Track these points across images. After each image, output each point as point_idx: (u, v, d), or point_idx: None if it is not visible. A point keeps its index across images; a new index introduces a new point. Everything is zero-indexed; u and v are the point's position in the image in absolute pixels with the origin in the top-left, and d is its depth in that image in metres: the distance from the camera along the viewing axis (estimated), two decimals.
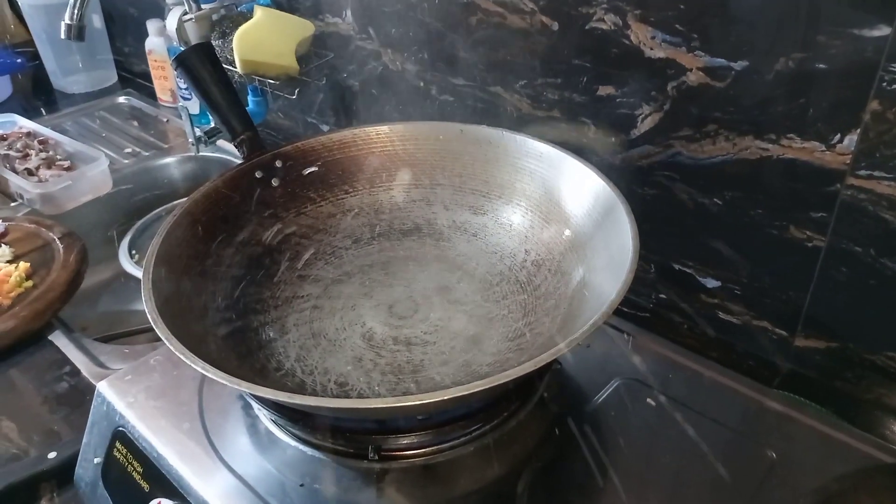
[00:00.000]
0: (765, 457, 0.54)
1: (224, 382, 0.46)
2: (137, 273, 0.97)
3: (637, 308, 0.78)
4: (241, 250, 0.66)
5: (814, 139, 0.59)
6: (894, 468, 0.51)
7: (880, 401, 0.64)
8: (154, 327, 0.50)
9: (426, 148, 0.73)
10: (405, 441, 0.54)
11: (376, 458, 0.54)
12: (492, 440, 0.56)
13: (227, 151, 1.14)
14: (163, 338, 0.49)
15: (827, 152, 0.59)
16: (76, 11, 0.87)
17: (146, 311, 0.51)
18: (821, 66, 0.57)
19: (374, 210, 0.73)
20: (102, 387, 0.63)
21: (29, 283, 0.87)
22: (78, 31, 0.88)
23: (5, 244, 0.91)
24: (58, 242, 0.92)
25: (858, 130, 0.57)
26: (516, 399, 0.57)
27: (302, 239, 0.70)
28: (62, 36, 0.89)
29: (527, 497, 0.51)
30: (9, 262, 0.89)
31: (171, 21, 0.96)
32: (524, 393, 0.58)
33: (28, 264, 0.89)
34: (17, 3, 1.40)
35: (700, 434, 0.56)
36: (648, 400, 0.59)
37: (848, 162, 0.58)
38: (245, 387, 0.45)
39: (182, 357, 0.47)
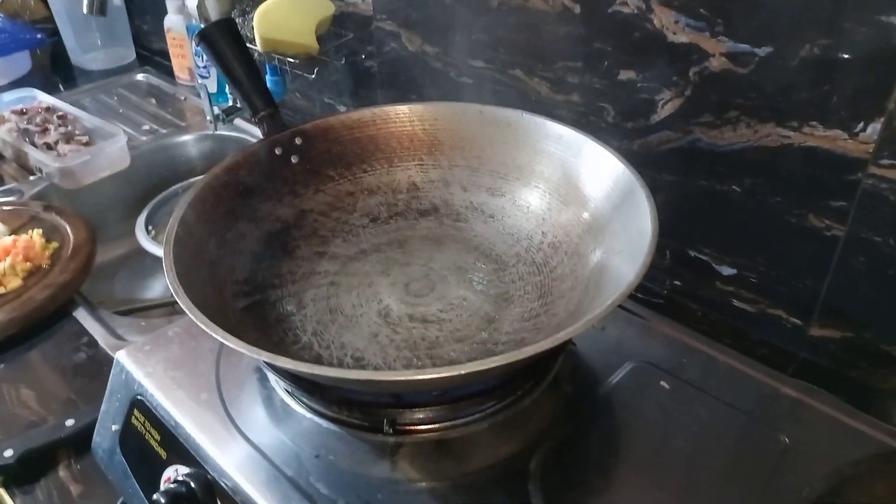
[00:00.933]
0: (778, 441, 0.54)
1: (245, 352, 0.46)
2: (154, 249, 0.98)
3: (651, 294, 0.78)
4: (260, 226, 0.67)
5: (836, 127, 0.59)
6: None
7: (895, 391, 0.64)
8: (175, 297, 0.50)
9: (445, 128, 0.73)
10: (420, 416, 0.55)
11: (391, 431, 0.54)
12: (506, 418, 0.56)
13: (244, 130, 1.15)
14: (184, 307, 0.49)
15: (849, 140, 0.59)
16: None
17: (168, 281, 0.52)
18: (846, 53, 0.57)
19: (392, 189, 0.73)
20: (121, 356, 0.64)
21: (55, 244, 0.88)
22: (100, 6, 0.88)
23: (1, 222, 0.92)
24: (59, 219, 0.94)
25: (882, 119, 0.56)
26: (531, 378, 0.58)
27: (320, 216, 0.71)
28: (84, 10, 0.90)
29: (540, 474, 0.52)
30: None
31: None
32: (538, 372, 0.58)
33: (40, 229, 0.90)
34: None
35: (713, 417, 0.56)
36: (662, 383, 0.59)
37: (870, 151, 0.58)
38: (266, 356, 0.46)
39: (203, 326, 0.48)
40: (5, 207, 0.98)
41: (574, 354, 0.62)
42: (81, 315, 0.84)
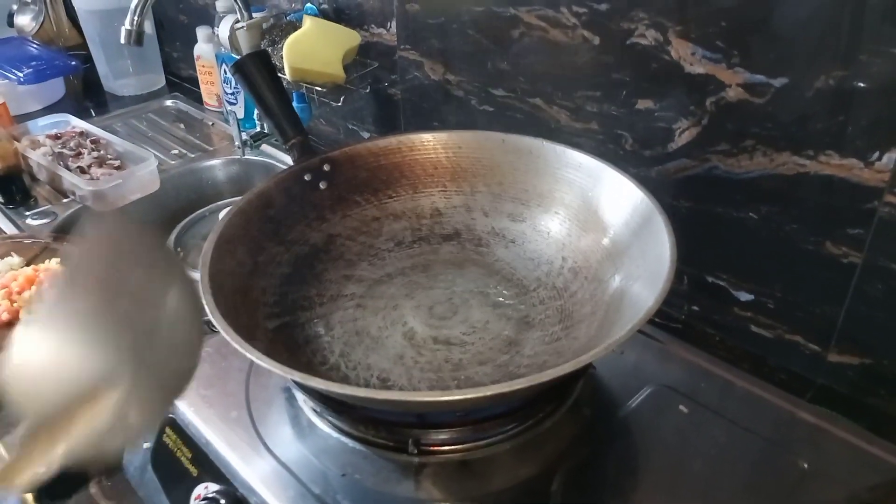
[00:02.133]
0: (796, 466, 0.54)
1: (277, 372, 0.48)
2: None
3: (669, 319, 0.79)
4: (289, 249, 0.69)
5: (852, 156, 0.60)
6: None
7: None
8: (211, 318, 0.52)
9: (468, 156, 0.75)
10: (444, 436, 0.56)
11: (415, 451, 0.56)
12: (527, 439, 0.57)
13: (270, 155, 1.18)
14: (219, 328, 0.51)
15: (865, 169, 0.60)
16: (136, 17, 0.91)
17: (203, 303, 0.54)
18: (861, 83, 0.58)
19: (416, 215, 0.76)
20: None
21: None
22: (137, 37, 0.92)
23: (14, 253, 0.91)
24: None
25: None
26: (552, 400, 0.59)
27: (347, 240, 0.73)
28: (122, 41, 0.93)
29: (561, 495, 0.53)
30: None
31: (224, 29, 1.00)
32: (559, 395, 0.60)
33: (57, 258, 0.91)
34: (73, 8, 1.45)
35: (731, 442, 0.57)
36: (681, 407, 0.60)
37: (886, 179, 0.59)
38: (297, 377, 0.48)
39: (238, 347, 0.50)
40: (17, 240, 1.00)
41: (594, 378, 0.63)
42: None
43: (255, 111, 1.18)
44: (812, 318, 0.68)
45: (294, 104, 1.05)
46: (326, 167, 0.73)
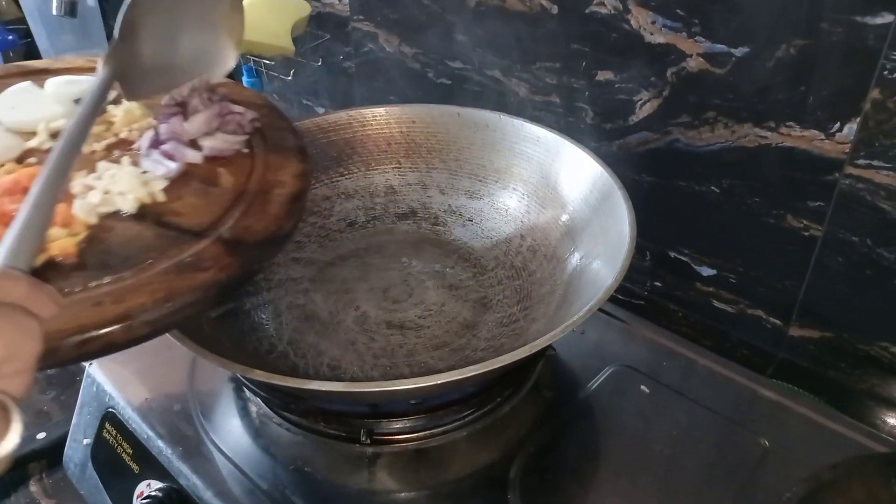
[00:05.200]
0: (757, 445, 0.54)
1: (217, 365, 0.45)
2: None
3: (632, 295, 0.78)
4: None
5: (813, 127, 0.59)
6: (886, 457, 0.52)
7: (873, 391, 0.64)
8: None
9: (422, 131, 0.72)
10: (398, 425, 0.54)
11: (368, 441, 0.53)
12: (485, 425, 0.55)
13: None
14: None
15: (826, 141, 0.59)
16: None
17: None
18: (822, 53, 0.56)
19: (369, 193, 0.72)
20: (93, 368, 0.62)
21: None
22: (70, 7, 0.87)
23: None
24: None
25: (858, 119, 0.56)
26: (510, 384, 0.57)
27: None
28: (53, 12, 0.88)
29: (519, 481, 0.51)
30: None
31: None
32: (518, 378, 0.58)
33: None
34: None
35: (693, 422, 0.56)
36: (642, 387, 0.59)
37: (847, 151, 0.58)
38: (237, 369, 0.45)
39: (175, 339, 0.46)
40: None
41: (554, 359, 0.62)
42: None
43: None
44: (773, 292, 0.68)
45: (244, 78, 1.01)
46: None
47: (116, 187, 0.47)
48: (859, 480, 0.46)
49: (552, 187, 0.65)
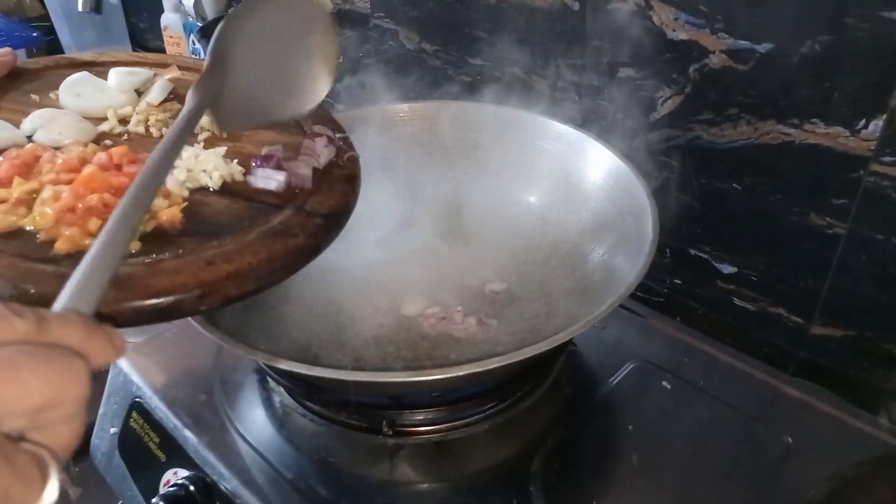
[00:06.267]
0: (780, 442, 0.54)
1: (244, 353, 0.46)
2: None
3: (651, 293, 0.78)
4: None
5: (838, 124, 0.59)
6: None
7: None
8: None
9: (444, 127, 0.72)
10: (419, 417, 0.54)
11: (390, 433, 0.54)
12: (506, 419, 0.56)
13: None
14: None
15: (851, 138, 0.58)
16: None
17: None
18: (847, 49, 0.56)
19: (393, 189, 0.73)
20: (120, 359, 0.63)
21: None
22: (96, 3, 0.88)
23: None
24: None
25: (884, 116, 0.56)
26: (531, 379, 0.57)
27: None
28: (80, 8, 0.89)
29: (541, 475, 0.52)
30: None
31: None
32: (539, 373, 0.58)
33: None
34: None
35: (715, 418, 0.56)
36: (663, 383, 0.59)
37: (872, 148, 0.57)
38: (263, 357, 0.46)
39: (202, 329, 0.47)
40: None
41: (575, 355, 0.62)
42: None
43: None
44: (795, 290, 0.67)
45: None
46: None
47: (200, 166, 0.51)
48: (885, 479, 0.46)
49: (574, 183, 0.65)
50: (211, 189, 0.51)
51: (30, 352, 0.27)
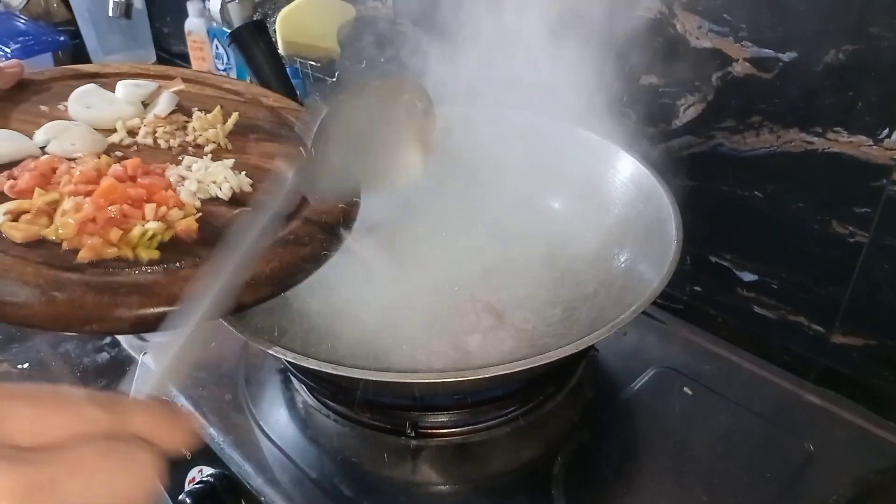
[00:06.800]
0: (802, 449, 0.54)
1: (269, 351, 0.47)
2: None
3: (672, 300, 0.78)
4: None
5: (861, 133, 0.59)
6: None
7: None
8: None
9: (467, 134, 0.73)
10: (442, 419, 0.55)
11: (413, 434, 0.55)
12: (528, 422, 0.56)
13: None
14: None
15: (874, 147, 0.58)
16: None
17: None
18: (871, 58, 0.56)
19: (414, 192, 0.74)
20: (146, 357, 0.65)
21: None
22: (126, 9, 0.89)
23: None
24: None
25: None
26: (553, 383, 0.58)
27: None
28: (110, 13, 0.91)
29: (562, 478, 0.52)
30: None
31: (215, 2, 0.97)
32: (561, 377, 0.59)
33: None
34: None
35: (736, 424, 0.56)
36: (685, 389, 0.59)
37: (895, 157, 0.57)
38: (290, 356, 0.46)
39: (230, 327, 0.48)
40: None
41: (596, 360, 0.62)
42: None
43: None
44: (816, 298, 0.67)
45: None
46: None
47: (210, 178, 0.53)
48: None
49: (597, 190, 0.66)
50: (222, 199, 0.52)
51: (101, 452, 0.25)
